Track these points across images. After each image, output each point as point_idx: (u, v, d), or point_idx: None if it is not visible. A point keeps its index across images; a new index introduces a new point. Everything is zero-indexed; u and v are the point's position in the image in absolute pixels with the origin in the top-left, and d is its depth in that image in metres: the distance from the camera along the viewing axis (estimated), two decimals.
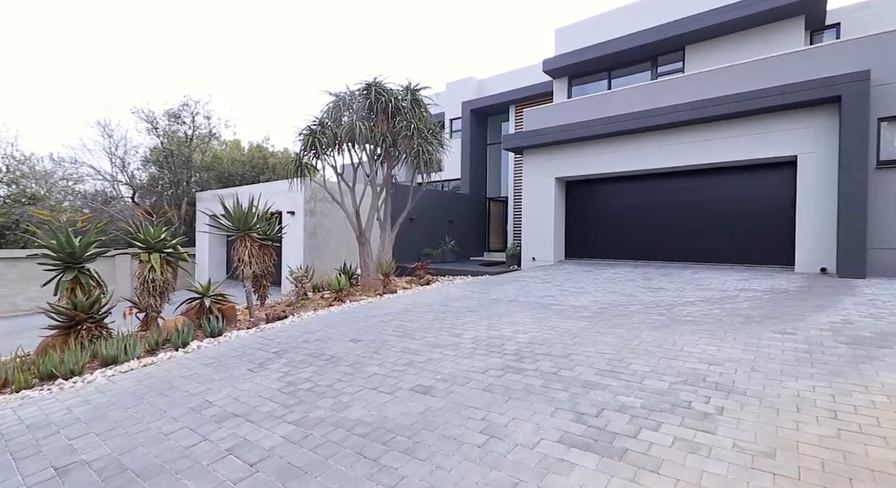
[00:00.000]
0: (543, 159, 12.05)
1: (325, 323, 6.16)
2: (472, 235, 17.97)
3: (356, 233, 9.14)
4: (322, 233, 11.73)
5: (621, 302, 6.36)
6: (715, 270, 9.17)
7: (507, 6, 74.28)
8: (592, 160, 11.13)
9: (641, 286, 7.67)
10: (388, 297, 8.12)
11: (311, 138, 8.61)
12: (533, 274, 10.07)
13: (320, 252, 11.67)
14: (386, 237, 9.68)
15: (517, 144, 12.28)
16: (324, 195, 11.80)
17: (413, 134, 8.68)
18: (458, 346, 4.53)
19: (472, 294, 7.85)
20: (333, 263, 11.95)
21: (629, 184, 11.35)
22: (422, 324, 5.65)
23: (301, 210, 11.31)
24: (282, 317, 6.66)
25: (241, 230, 7.05)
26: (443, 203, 15.72)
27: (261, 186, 13.10)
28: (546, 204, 12.00)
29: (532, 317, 5.67)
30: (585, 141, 11.16)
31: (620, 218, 11.56)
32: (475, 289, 8.42)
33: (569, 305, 6.34)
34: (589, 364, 3.72)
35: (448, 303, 7.08)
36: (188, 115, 16.70)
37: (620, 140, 10.62)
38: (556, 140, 11.45)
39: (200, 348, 5.31)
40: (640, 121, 9.89)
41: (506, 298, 7.19)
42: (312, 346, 4.93)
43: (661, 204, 10.89)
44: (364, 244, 9.10)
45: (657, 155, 10.09)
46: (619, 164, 10.69)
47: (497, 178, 19.05)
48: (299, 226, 11.34)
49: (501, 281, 9.35)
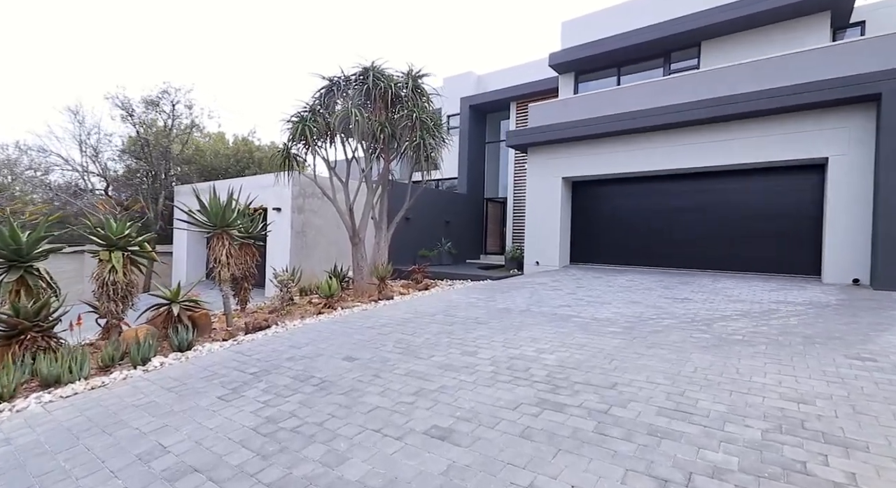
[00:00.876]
0: (549, 158, 11.42)
1: (313, 335, 5.39)
2: (469, 237, 17.30)
3: (349, 232, 8.38)
4: (311, 232, 10.93)
5: (650, 315, 5.71)
6: (735, 279, 8.62)
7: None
8: (603, 159, 10.53)
9: (663, 296, 7.05)
10: (385, 304, 7.37)
11: (300, 126, 7.82)
12: (539, 279, 9.41)
13: (308, 252, 10.87)
14: (382, 237, 8.93)
15: (522, 141, 11.64)
16: (313, 190, 11.00)
17: (415, 124, 7.95)
18: (475, 369, 3.81)
19: (477, 302, 7.14)
20: (323, 264, 11.14)
21: (640, 185, 10.77)
22: (427, 339, 4.93)
23: (288, 206, 10.50)
24: (263, 327, 5.87)
25: (219, 227, 6.24)
26: (439, 202, 15.02)
27: (244, 180, 12.24)
28: (551, 205, 11.37)
29: (553, 333, 4.98)
30: (595, 139, 10.56)
31: (630, 221, 10.98)
32: (480, 295, 7.72)
33: (590, 318, 5.67)
34: (644, 398, 3.03)
35: (453, 312, 6.37)
36: (167, 103, 15.71)
37: (633, 138, 10.03)
38: (564, 137, 10.83)
39: (164, 366, 4.51)
40: (655, 118, 9.31)
41: (516, 308, 6.50)
42: (299, 366, 4.17)
43: (674, 207, 10.33)
44: (357, 245, 8.34)
45: (673, 155, 9.53)
46: (632, 164, 10.10)
47: (495, 178, 18.41)
48: (286, 223, 10.53)
49: (506, 287, 8.66)
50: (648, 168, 9.89)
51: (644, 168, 9.95)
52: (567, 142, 11.05)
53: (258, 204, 11.23)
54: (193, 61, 41.87)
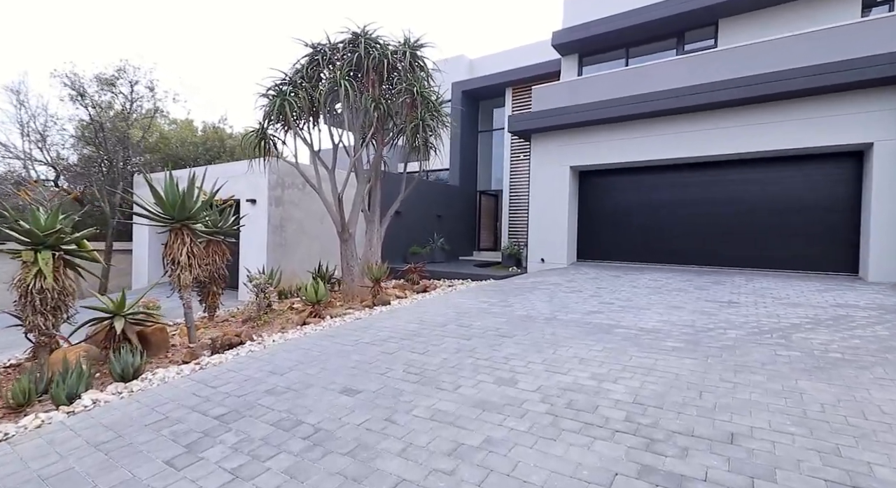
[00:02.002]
0: (556, 145, 10.55)
1: (299, 354, 4.35)
2: (462, 232, 16.36)
3: (337, 227, 7.30)
4: (291, 227, 9.79)
5: (704, 324, 4.88)
6: (769, 278, 7.93)
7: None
8: (616, 146, 9.71)
9: (703, 298, 6.26)
10: (382, 311, 6.36)
11: (278, 102, 6.69)
12: (551, 279, 8.54)
13: (288, 250, 9.73)
14: (374, 233, 7.89)
15: (525, 127, 10.73)
16: (293, 180, 9.85)
17: (417, 101, 6.91)
18: (523, 409, 2.87)
19: (490, 307, 6.21)
20: (305, 264, 10.02)
21: (656, 176, 10.01)
22: (444, 359, 3.96)
23: (264, 197, 9.33)
24: (235, 344, 4.79)
25: (177, 220, 5.11)
26: (430, 195, 14.01)
27: (213, 168, 10.97)
28: (558, 197, 10.51)
29: (600, 350, 4.08)
30: (609, 124, 9.73)
31: (645, 215, 10.21)
32: (490, 299, 6.79)
33: (636, 328, 4.80)
34: (791, 462, 2.14)
35: (466, 321, 5.41)
36: (125, 83, 14.16)
37: (653, 123, 9.23)
38: (574, 122, 9.97)
39: (98, 405, 3.41)
40: (678, 99, 8.52)
41: (539, 315, 5.59)
42: (282, 404, 3.15)
43: (693, 200, 9.60)
44: (347, 241, 7.28)
45: (698, 141, 8.77)
46: (650, 152, 9.31)
47: (488, 170, 17.49)
48: (262, 217, 9.36)
49: (516, 288, 7.76)
50: (669, 155, 9.11)
51: (664, 155, 9.17)
52: (576, 128, 10.19)
53: (229, 195, 10.02)
54: (156, 36, 38.67)
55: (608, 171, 10.62)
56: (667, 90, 8.66)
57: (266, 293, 6.28)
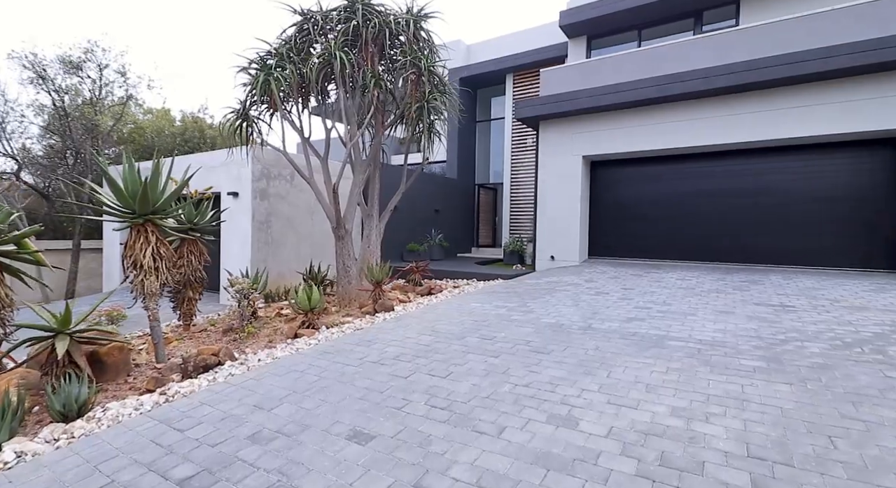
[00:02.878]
0: (568, 133, 9.81)
1: (291, 380, 3.55)
2: (460, 228, 15.61)
3: (332, 223, 6.47)
4: (278, 223, 8.91)
5: (770, 335, 4.20)
6: (809, 275, 7.33)
7: None
8: (634, 133, 9.01)
9: (749, 301, 5.60)
10: (385, 319, 5.57)
11: (262, 77, 5.81)
12: (566, 278, 7.83)
13: (275, 248, 8.87)
14: (373, 229, 7.08)
15: (533, 113, 9.97)
16: (280, 170, 8.95)
17: (423, 77, 6.08)
18: (602, 469, 2.13)
19: (509, 313, 5.47)
20: (293, 264, 9.17)
21: (675, 165, 9.35)
22: (474, 387, 3.20)
23: (248, 190, 8.44)
24: (211, 365, 3.96)
25: (139, 215, 4.24)
26: (428, 188, 13.20)
27: (190, 158, 10.01)
28: (570, 190, 9.80)
29: (664, 371, 3.36)
30: (626, 109, 9.02)
31: (663, 208, 9.56)
32: (507, 303, 6.04)
33: (693, 340, 4.10)
34: None
35: (486, 331, 4.66)
36: (93, 67, 13.01)
37: (674, 108, 8.54)
38: (587, 107, 9.24)
39: (24, 459, 2.58)
40: (707, 81, 7.83)
41: (570, 323, 4.87)
42: (270, 460, 2.37)
43: (715, 191, 8.96)
44: (343, 238, 6.45)
45: (723, 127, 8.11)
46: (671, 139, 8.63)
47: (486, 162, 16.73)
48: (245, 212, 8.47)
49: (531, 289, 7.03)
50: (693, 143, 8.43)
51: (688, 143, 8.49)
52: (590, 114, 9.46)
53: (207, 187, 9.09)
54: (128, 16, 36.46)
55: (622, 161, 9.94)
56: (693, 70, 7.96)
57: (249, 299, 5.43)
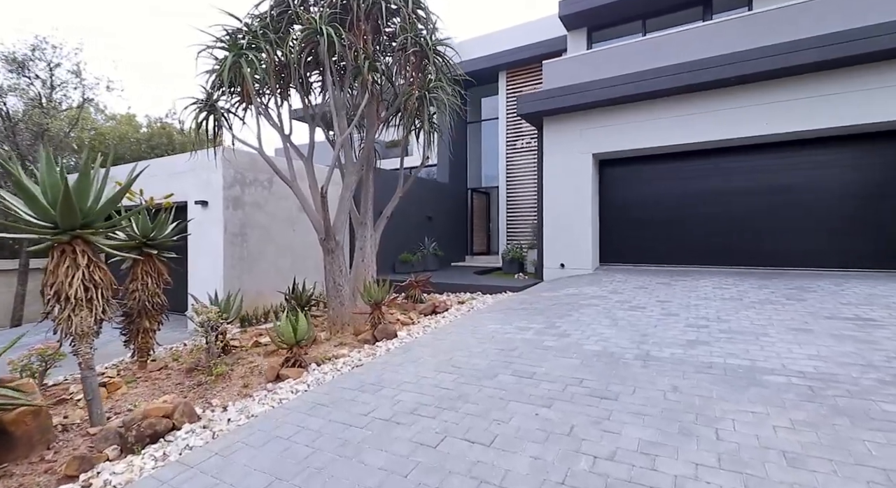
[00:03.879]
0: (576, 129, 9.05)
1: (273, 455, 2.55)
2: (454, 235, 14.72)
3: (320, 234, 5.46)
4: (254, 235, 7.85)
5: (885, 361, 3.39)
6: (858, 280, 6.65)
7: None
8: (650, 128, 8.29)
9: (815, 313, 4.83)
10: (389, 349, 4.59)
11: (231, 59, 4.82)
12: (587, 290, 6.98)
13: (252, 264, 7.79)
14: (367, 240, 6.11)
15: (536, 109, 9.18)
16: (256, 175, 7.90)
17: (430, 56, 5.17)
18: None
19: (538, 337, 4.56)
20: (274, 281, 8.10)
21: (694, 162, 8.66)
22: (534, 461, 2.27)
23: (219, 198, 7.36)
24: (161, 433, 2.92)
25: (63, 230, 3.19)
26: (419, 194, 12.27)
27: (151, 162, 8.87)
28: (580, 191, 9.01)
29: (786, 425, 2.50)
30: (642, 101, 8.31)
31: (681, 209, 8.84)
32: (532, 324, 5.14)
33: (792, 372, 3.26)
34: None
35: (520, 365, 3.74)
36: (43, 65, 11.73)
37: (697, 98, 7.86)
38: (598, 101, 8.49)
39: None
40: (736, 67, 7.15)
41: (622, 351, 3.99)
42: None
43: (741, 189, 8.29)
44: (334, 252, 5.45)
45: (754, 118, 7.44)
46: (694, 132, 7.93)
47: (478, 165, 15.93)
48: (216, 223, 7.38)
49: (552, 304, 6.16)
50: (718, 136, 7.75)
51: (711, 136, 7.80)
52: (601, 108, 8.72)
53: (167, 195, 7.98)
54: (85, 7, 33.58)
55: (634, 159, 9.21)
56: (719, 56, 7.28)
57: (218, 332, 4.38)
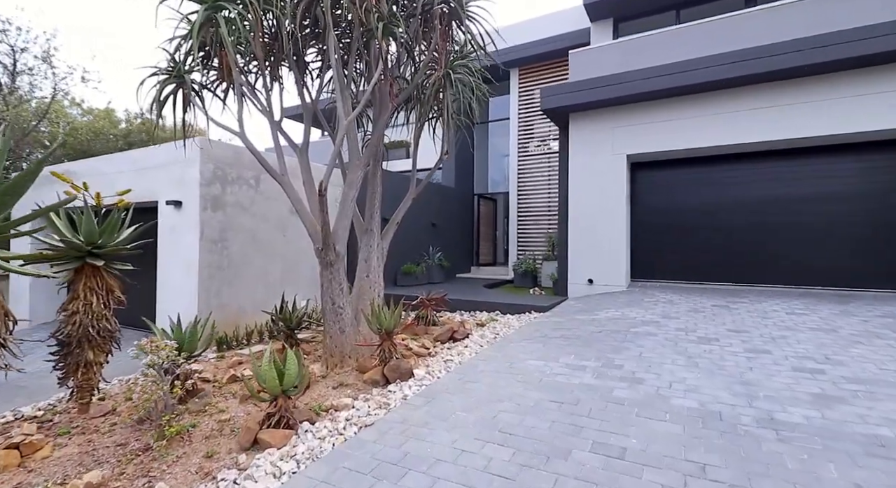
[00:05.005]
0: (607, 127, 8.09)
1: None
2: (459, 244, 13.68)
3: (316, 243, 4.38)
4: (237, 241, 6.73)
5: None
6: None
7: None
8: (696, 126, 7.35)
9: None
10: (406, 396, 3.49)
11: (204, 15, 3.77)
12: (632, 312, 5.95)
13: (234, 275, 6.66)
14: (373, 250, 5.04)
15: (562, 103, 8.20)
16: (240, 172, 6.81)
17: (460, 15, 4.14)
18: None
19: (602, 383, 3.51)
20: (260, 293, 6.98)
21: (745, 166, 7.72)
22: None
23: (194, 197, 6.23)
24: None
25: None
26: (424, 198, 11.20)
27: (115, 157, 7.77)
28: (611, 197, 8.03)
29: None
30: (687, 95, 7.37)
31: (722, 219, 7.88)
32: (583, 361, 4.09)
33: None
34: None
35: (596, 431, 2.70)
36: (5, 49, 10.60)
37: (752, 92, 6.94)
38: (634, 94, 7.54)
39: None
40: (805, 55, 6.23)
41: (728, 410, 2.96)
42: None
43: (799, 197, 7.35)
44: (333, 265, 4.36)
45: (823, 115, 6.52)
46: (748, 132, 7.00)
47: (484, 170, 14.96)
48: (191, 227, 6.25)
49: (595, 331, 5.11)
50: (778, 136, 6.82)
51: (768, 136, 6.88)
52: (637, 104, 7.78)
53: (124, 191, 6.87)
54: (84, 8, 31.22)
55: (672, 162, 8.26)
56: (784, 42, 6.35)
57: (177, 375, 3.26)
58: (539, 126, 12.64)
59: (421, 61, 4.79)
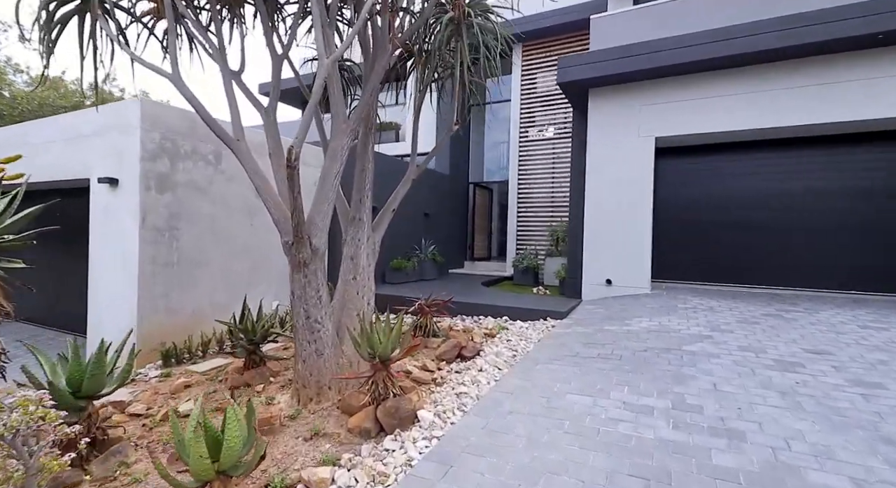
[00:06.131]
0: (633, 104, 7.08)
1: None
2: (454, 237, 12.63)
3: (285, 235, 3.23)
4: (192, 231, 5.51)
5: None
6: None
7: None
8: (739, 105, 6.39)
9: None
10: (412, 460, 2.43)
11: None
12: (669, 321, 4.99)
13: (186, 272, 5.44)
14: (361, 245, 3.93)
15: (584, 75, 7.12)
16: (195, 145, 5.54)
17: None
18: None
19: (686, 437, 2.52)
20: (221, 293, 5.81)
21: (785, 153, 6.83)
22: None
23: (134, 173, 4.94)
24: None
25: None
26: (416, 185, 10.05)
27: (44, 122, 6.42)
28: (636, 187, 7.05)
29: None
30: (730, 69, 6.39)
31: (757, 213, 7.00)
32: (647, 400, 3.10)
33: None
34: None
35: None
36: None
37: (807, 65, 5.99)
38: (668, 65, 6.52)
39: None
40: (882, 19, 5.29)
41: None
42: None
43: (854, 190, 6.49)
44: (307, 266, 3.22)
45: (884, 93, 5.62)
46: (799, 112, 6.07)
47: (480, 157, 13.87)
48: (130, 212, 4.99)
49: (639, 349, 4.14)
50: (837, 118, 5.89)
51: (825, 118, 5.96)
52: (670, 78, 6.78)
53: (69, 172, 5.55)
54: None
55: (703, 148, 7.32)
56: (861, 3, 5.40)
57: (47, 451, 2.10)
58: (540, 109, 11.60)
59: None
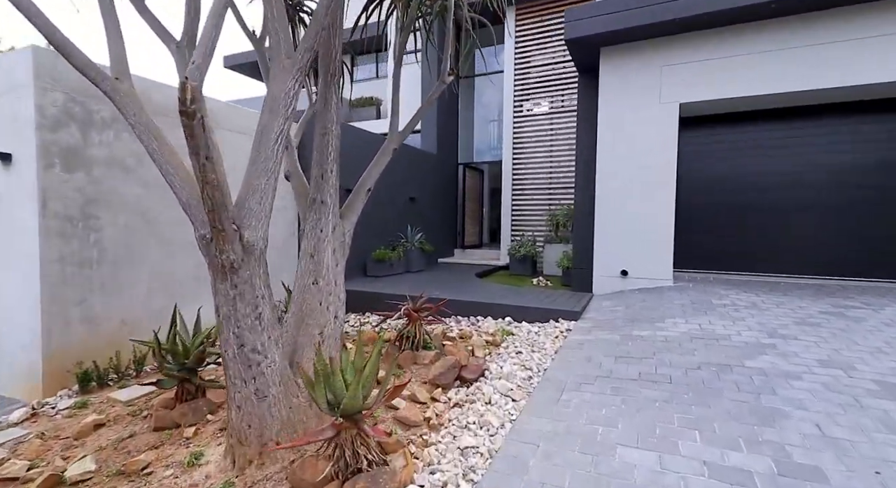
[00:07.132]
0: (653, 64, 6.07)
1: None
2: (442, 223, 11.61)
3: (201, 229, 2.19)
4: (115, 220, 4.38)
5: None
6: None
7: None
8: (777, 63, 5.42)
9: None
10: None
11: None
12: (713, 326, 4.09)
13: (110, 273, 4.33)
14: (326, 236, 2.89)
15: (594, 30, 6.05)
16: (114, 110, 4.39)
17: None
18: None
19: None
20: (159, 298, 4.72)
21: (837, 120, 5.92)
22: None
23: (30, 146, 3.78)
24: None
25: None
26: (401, 165, 9.01)
27: None
28: (657, 163, 6.09)
29: None
30: (768, 20, 5.40)
31: (806, 191, 6.12)
32: (731, 451, 2.18)
33: None
34: None
35: None
36: None
37: (861, 14, 5.04)
38: (695, 14, 5.50)
39: None
40: None
41: None
42: None
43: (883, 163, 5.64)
44: (236, 272, 2.20)
45: None
46: (849, 71, 5.13)
47: (469, 136, 12.78)
48: (26, 196, 3.83)
49: (691, 367, 3.24)
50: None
51: (882, 77, 5.03)
52: (697, 33, 5.77)
53: None
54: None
55: (732, 116, 6.37)
56: None
57: None
58: (535, 81, 10.54)
59: None
